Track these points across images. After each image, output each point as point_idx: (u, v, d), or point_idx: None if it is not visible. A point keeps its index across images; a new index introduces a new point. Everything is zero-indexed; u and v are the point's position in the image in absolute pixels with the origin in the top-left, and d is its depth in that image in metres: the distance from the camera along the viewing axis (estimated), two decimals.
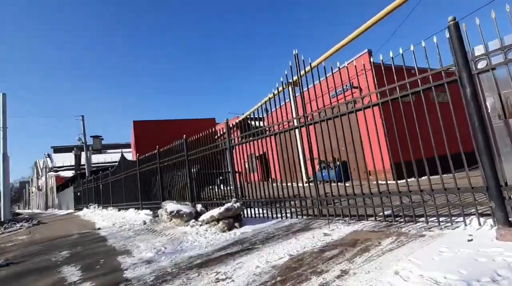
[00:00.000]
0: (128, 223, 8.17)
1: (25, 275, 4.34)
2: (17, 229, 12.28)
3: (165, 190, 8.68)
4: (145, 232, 6.07)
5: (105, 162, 44.96)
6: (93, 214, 14.25)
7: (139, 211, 10.04)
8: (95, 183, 16.63)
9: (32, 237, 9.09)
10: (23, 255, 6.03)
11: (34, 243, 7.70)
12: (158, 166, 8.83)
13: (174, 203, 6.47)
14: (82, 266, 4.13)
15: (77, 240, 6.80)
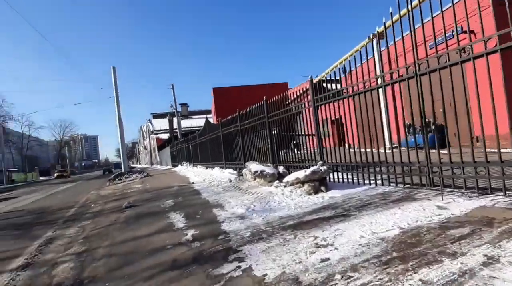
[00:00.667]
0: (215, 180, 8.66)
1: (143, 216, 4.93)
2: (133, 179, 14.48)
3: (246, 151, 8.82)
4: (232, 189, 6.28)
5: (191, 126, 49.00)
6: (186, 170, 15.79)
7: (223, 169, 10.60)
8: (186, 144, 18.23)
9: (144, 186, 10.53)
10: (140, 200, 6.95)
11: (146, 191, 8.87)
12: (239, 128, 8.92)
13: (257, 164, 6.47)
14: (185, 214, 4.44)
15: (177, 192, 7.51)
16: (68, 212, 7.26)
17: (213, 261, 2.35)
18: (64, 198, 11.26)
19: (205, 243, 2.87)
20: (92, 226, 4.95)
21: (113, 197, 8.93)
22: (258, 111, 7.72)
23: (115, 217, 5.34)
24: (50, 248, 3.81)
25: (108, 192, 10.83)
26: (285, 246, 2.43)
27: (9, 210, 9.33)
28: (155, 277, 2.24)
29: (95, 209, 6.93)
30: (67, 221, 5.92)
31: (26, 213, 8.19)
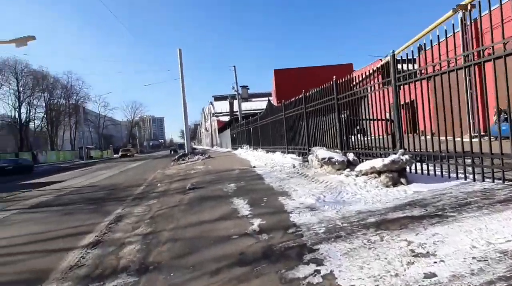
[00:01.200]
0: (277, 164, 8.57)
1: (206, 199, 5.10)
2: (195, 160, 15.45)
3: (310, 135, 8.46)
4: (297, 176, 6.08)
5: (251, 109, 49.84)
6: (246, 153, 16.14)
7: (285, 154, 10.45)
8: (246, 126, 18.57)
9: (206, 167, 11.10)
10: (203, 182, 7.29)
11: (208, 173, 9.31)
12: (304, 111, 8.56)
13: (324, 150, 6.10)
14: (249, 201, 4.42)
15: (239, 175, 7.65)
16: (137, 189, 8.06)
17: (285, 260, 2.20)
18: (134, 175, 12.63)
19: (274, 236, 2.75)
20: (158, 206, 5.34)
21: (177, 177, 9.61)
22: (326, 92, 7.22)
23: (179, 198, 5.67)
24: (119, 227, 4.19)
25: (172, 171, 11.74)
26: (372, 250, 2.14)
27: (86, 184, 10.85)
28: (221, 272, 2.19)
29: (160, 188, 7.53)
30: (135, 199, 6.55)
31: (99, 188, 9.39)
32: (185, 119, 18.02)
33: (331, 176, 5.39)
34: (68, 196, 8.24)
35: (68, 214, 5.77)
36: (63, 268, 2.87)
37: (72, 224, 4.84)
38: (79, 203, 6.93)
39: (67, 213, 5.93)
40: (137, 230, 3.84)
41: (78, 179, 13.19)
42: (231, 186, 6.08)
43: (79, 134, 53.43)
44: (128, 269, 2.58)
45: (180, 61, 17.83)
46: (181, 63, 17.82)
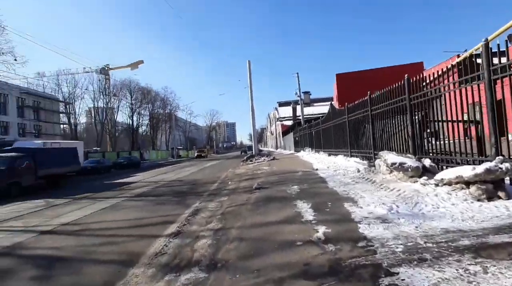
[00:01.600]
0: (340, 168, 7.83)
1: (271, 200, 4.81)
2: (261, 161, 15.46)
3: (376, 139, 7.48)
4: (362, 181, 5.35)
5: (313, 113, 48.29)
6: (308, 156, 15.47)
7: (348, 158, 9.54)
8: (308, 130, 17.84)
9: (271, 168, 10.92)
10: (268, 182, 7.07)
11: (273, 173, 9.08)
12: (369, 113, 7.62)
13: (394, 154, 5.23)
14: (313, 205, 3.98)
15: (302, 177, 7.20)
16: (212, 186, 8.30)
17: (357, 281, 1.75)
18: (210, 173, 13.23)
19: (341, 248, 2.29)
20: (228, 202, 5.28)
21: (245, 176, 9.63)
22: (396, 93, 6.25)
23: (246, 197, 5.53)
24: (195, 220, 4.23)
25: (241, 171, 11.89)
26: (473, 285, 1.53)
27: (174, 179, 11.72)
28: (285, 283, 1.86)
29: (231, 186, 7.58)
30: (210, 195, 6.68)
31: (184, 183, 10.01)
32: (252, 124, 18.26)
33: (402, 184, 4.55)
34: (161, 188, 9.00)
35: (159, 204, 6.24)
36: (150, 254, 3.00)
37: (161, 214, 5.17)
38: (167, 195, 7.48)
39: (159, 202, 6.44)
40: (210, 224, 3.80)
41: (169, 174, 14.48)
42: (294, 187, 5.70)
43: (171, 137, 59.73)
44: (200, 264, 2.48)
45: (249, 71, 18.16)
46: (249, 74, 18.14)
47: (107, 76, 46.88)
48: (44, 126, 35.91)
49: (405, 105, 5.87)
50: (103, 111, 47.41)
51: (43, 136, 33.45)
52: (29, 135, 32.70)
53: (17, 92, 31.35)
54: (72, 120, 43.58)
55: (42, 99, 36.06)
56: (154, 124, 58.60)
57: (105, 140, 48.60)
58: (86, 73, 43.44)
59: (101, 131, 47.03)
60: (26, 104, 33.28)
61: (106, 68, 45.83)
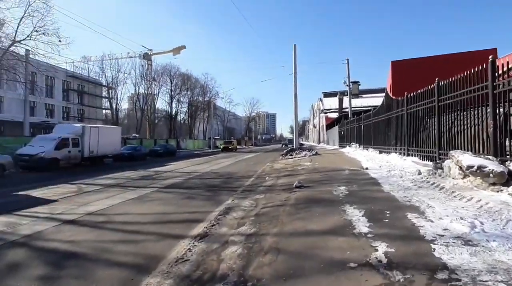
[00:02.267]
0: (396, 168, 7.00)
1: (314, 202, 4.35)
2: (302, 156, 14.90)
3: (442, 135, 6.48)
4: (427, 186, 4.60)
5: (361, 105, 45.56)
6: (354, 152, 14.47)
7: (403, 157, 8.55)
8: (357, 123, 16.68)
9: (313, 164, 10.36)
10: (310, 180, 6.60)
11: (315, 170, 8.55)
12: (436, 104, 6.59)
13: (470, 155, 4.36)
14: (366, 212, 3.45)
15: (350, 177, 6.58)
16: (247, 181, 8.07)
17: None
18: (247, 166, 13.10)
19: (414, 279, 1.80)
20: (263, 202, 4.97)
21: (284, 171, 9.25)
22: (473, 80, 5.26)
23: (285, 196, 5.16)
24: (226, 220, 3.98)
25: (280, 165, 11.52)
26: None
27: (208, 171, 11.80)
28: None
29: (268, 183, 7.26)
30: (244, 191, 6.44)
31: (217, 176, 9.97)
32: (295, 113, 17.61)
33: (482, 193, 3.76)
34: (193, 180, 9.05)
35: (189, 198, 6.16)
36: (171, 260, 2.76)
37: (189, 210, 5.04)
38: (198, 188, 7.43)
39: (188, 196, 6.37)
40: (242, 227, 3.52)
41: (203, 165, 14.71)
42: (341, 188, 5.16)
43: (209, 127, 61.52)
44: (226, 280, 2.18)
45: (294, 56, 17.45)
46: (295, 58, 17.41)
47: (149, 62, 48.35)
48: (87, 110, 38.31)
49: (485, 94, 4.89)
50: (144, 97, 50.01)
51: (86, 120, 35.78)
52: (72, 119, 35.10)
53: (64, 75, 33.79)
54: (114, 106, 46.72)
55: (86, 83, 38.29)
56: (192, 112, 60.62)
57: (145, 127, 51.37)
58: (129, 58, 45.68)
59: (141, 118, 49.85)
60: (71, 88, 35.44)
61: (149, 53, 47.45)
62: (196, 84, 61.35)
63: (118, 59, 44.77)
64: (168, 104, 55.26)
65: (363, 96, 53.40)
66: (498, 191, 3.70)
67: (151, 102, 51.22)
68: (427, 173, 5.42)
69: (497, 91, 4.71)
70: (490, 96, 4.83)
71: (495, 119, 4.51)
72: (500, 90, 4.65)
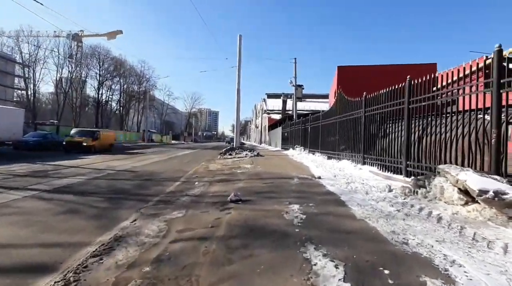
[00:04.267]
0: (354, 180, 5.87)
1: (256, 235, 2.66)
2: (242, 156, 13.31)
3: (413, 143, 5.58)
4: (416, 214, 3.31)
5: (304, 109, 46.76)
6: (300, 156, 13.51)
7: (358, 165, 7.63)
8: (303, 125, 15.89)
9: (254, 168, 8.80)
10: (251, 191, 4.95)
11: (257, 176, 6.96)
12: (406, 106, 5.67)
13: (475, 173, 3.25)
14: (348, 270, 1.89)
15: (302, 189, 5.14)
16: (170, 186, 6.04)
17: None
18: (178, 165, 10.91)
19: None
20: (180, 227, 3.12)
21: (220, 175, 7.46)
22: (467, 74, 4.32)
23: (214, 217, 3.39)
24: (102, 266, 2.03)
25: (217, 166, 9.70)
26: None
27: (126, 168, 9.32)
28: None
29: (196, 190, 5.38)
30: (160, 203, 4.45)
31: (134, 176, 7.65)
32: (237, 109, 15.95)
33: (508, 231, 2.59)
34: (97, 181, 6.63)
35: (71, 212, 3.94)
36: None
37: (51, 238, 2.92)
38: (96, 195, 5.16)
39: (72, 209, 4.13)
40: None
41: (125, 161, 12.01)
42: (294, 208, 3.62)
43: (144, 119, 55.98)
44: None
45: (239, 47, 15.77)
46: (239, 50, 15.75)
47: (79, 44, 42.95)
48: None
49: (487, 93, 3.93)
50: (68, 80, 43.14)
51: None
52: None
53: None
54: (31, 87, 39.03)
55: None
56: (125, 102, 54.58)
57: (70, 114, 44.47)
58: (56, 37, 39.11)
59: (63, 103, 42.79)
60: None
61: (80, 34, 41.74)
62: (131, 72, 55.44)
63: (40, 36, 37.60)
64: (95, 90, 48.51)
65: (306, 100, 55.21)
66: None
67: (77, 87, 44.21)
68: (400, 190, 4.27)
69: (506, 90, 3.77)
70: (495, 96, 3.87)
71: (499, 128, 3.51)
72: (507, 90, 3.71)
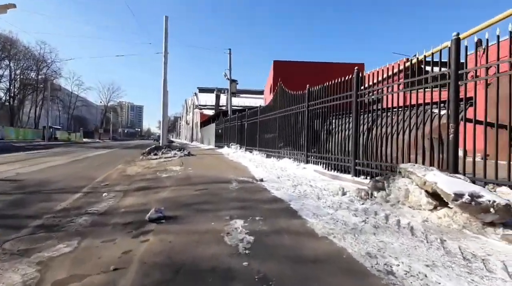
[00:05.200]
0: (301, 181, 5.44)
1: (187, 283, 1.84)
2: (171, 156, 11.98)
3: (362, 141, 5.42)
4: (385, 225, 2.91)
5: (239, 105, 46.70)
6: (236, 155, 12.89)
7: (301, 164, 7.35)
8: (239, 121, 15.32)
9: (185, 170, 7.75)
10: (179, 202, 3.99)
11: (188, 181, 5.98)
12: (354, 99, 5.48)
13: (443, 173, 3.00)
14: None
15: (244, 196, 4.43)
16: (64, 201, 4.60)
17: None
18: (85, 169, 9.01)
19: None
20: (63, 272, 2.03)
21: (139, 181, 6.23)
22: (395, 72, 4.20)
23: (122, 250, 2.39)
24: None
25: (137, 170, 8.29)
26: None
27: (9, 176, 7.18)
28: None
29: (102, 205, 4.16)
30: (40, 229, 3.15)
31: (13, 188, 5.78)
32: (163, 102, 14.30)
33: (493, 243, 2.31)
34: None
35: None
36: None
37: None
38: None
39: None
40: None
41: (12, 165, 9.43)
42: (237, 226, 2.88)
43: (43, 112, 47.74)
44: None
45: (165, 30, 14.11)
46: (166, 33, 14.07)
47: None
48: None
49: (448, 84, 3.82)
50: None
51: None
52: None
53: None
54: None
55: None
56: (18, 91, 45.72)
57: None
58: None
59: None
60: None
61: None
62: (26, 55, 46.62)
63: None
64: None
65: (241, 96, 55.39)
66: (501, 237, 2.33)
67: None
68: (355, 193, 3.92)
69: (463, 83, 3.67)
70: (453, 88, 3.76)
71: (457, 122, 3.38)
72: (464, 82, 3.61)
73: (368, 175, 4.98)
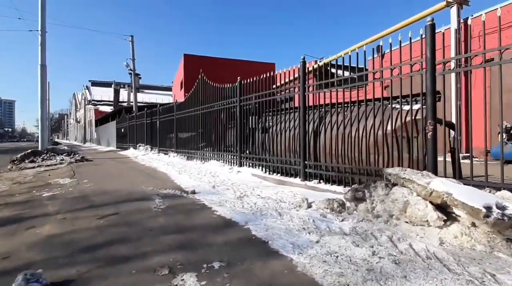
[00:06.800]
0: (247, 192, 4.44)
1: None
2: (56, 163, 9.13)
3: (312, 140, 4.76)
4: (407, 259, 2.19)
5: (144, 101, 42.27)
6: (148, 157, 10.93)
7: (234, 167, 6.33)
8: (149, 119, 13.16)
9: (79, 183, 5.67)
10: (75, 249, 2.39)
11: (87, 202, 4.15)
12: (301, 93, 4.77)
13: (455, 182, 2.45)
14: None
15: (177, 222, 3.12)
16: None
17: None
18: None
19: None
20: None
21: (1, 207, 4.06)
22: None
23: None
24: None
25: (0, 187, 5.71)
26: None
27: None
28: None
29: None
30: None
31: None
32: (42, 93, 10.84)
33: None
34: None
35: None
36: None
37: None
38: None
39: None
40: None
41: None
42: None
43: None
44: None
45: (41, 8, 10.60)
46: (43, 8, 10.59)
47: None
48: None
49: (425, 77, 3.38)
50: None
51: None
52: None
53: None
54: None
55: None
56: None
57: None
58: None
59: None
60: None
61: None
62: None
63: None
64: None
65: (145, 91, 50.46)
66: None
67: None
68: (324, 205, 3.15)
69: None
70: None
71: (435, 119, 2.95)
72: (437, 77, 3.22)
73: (322, 179, 4.37)
